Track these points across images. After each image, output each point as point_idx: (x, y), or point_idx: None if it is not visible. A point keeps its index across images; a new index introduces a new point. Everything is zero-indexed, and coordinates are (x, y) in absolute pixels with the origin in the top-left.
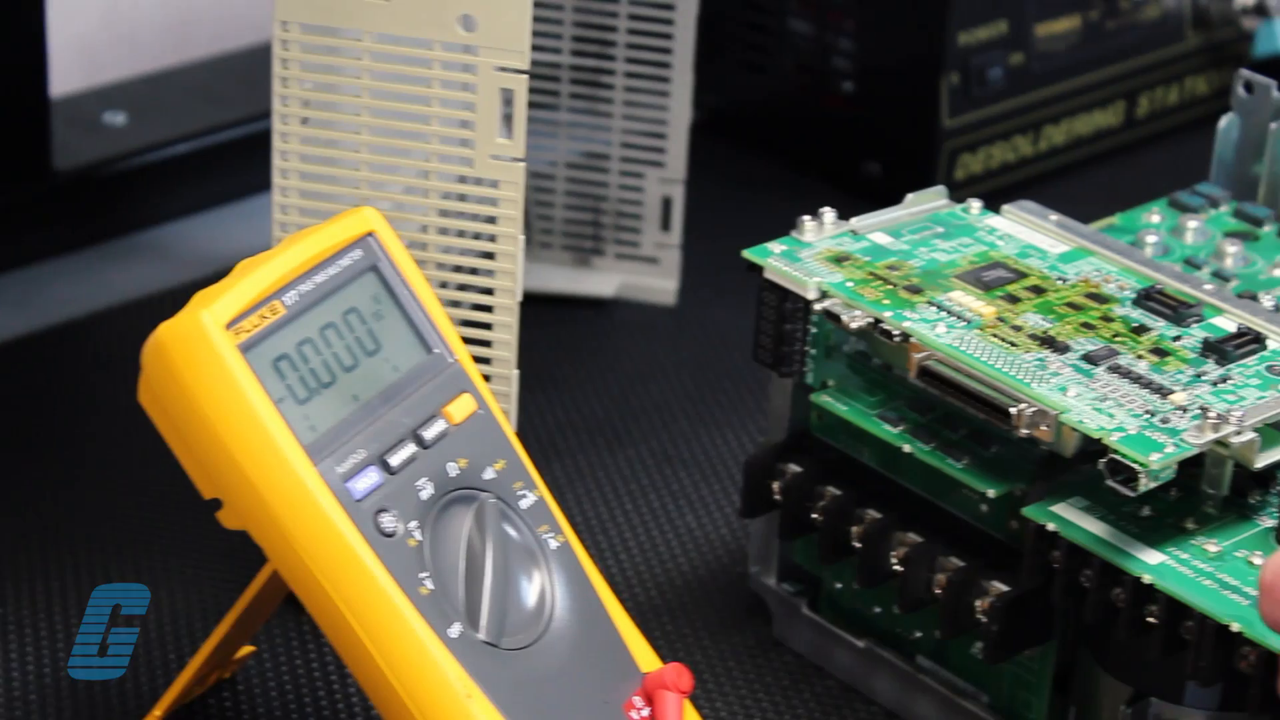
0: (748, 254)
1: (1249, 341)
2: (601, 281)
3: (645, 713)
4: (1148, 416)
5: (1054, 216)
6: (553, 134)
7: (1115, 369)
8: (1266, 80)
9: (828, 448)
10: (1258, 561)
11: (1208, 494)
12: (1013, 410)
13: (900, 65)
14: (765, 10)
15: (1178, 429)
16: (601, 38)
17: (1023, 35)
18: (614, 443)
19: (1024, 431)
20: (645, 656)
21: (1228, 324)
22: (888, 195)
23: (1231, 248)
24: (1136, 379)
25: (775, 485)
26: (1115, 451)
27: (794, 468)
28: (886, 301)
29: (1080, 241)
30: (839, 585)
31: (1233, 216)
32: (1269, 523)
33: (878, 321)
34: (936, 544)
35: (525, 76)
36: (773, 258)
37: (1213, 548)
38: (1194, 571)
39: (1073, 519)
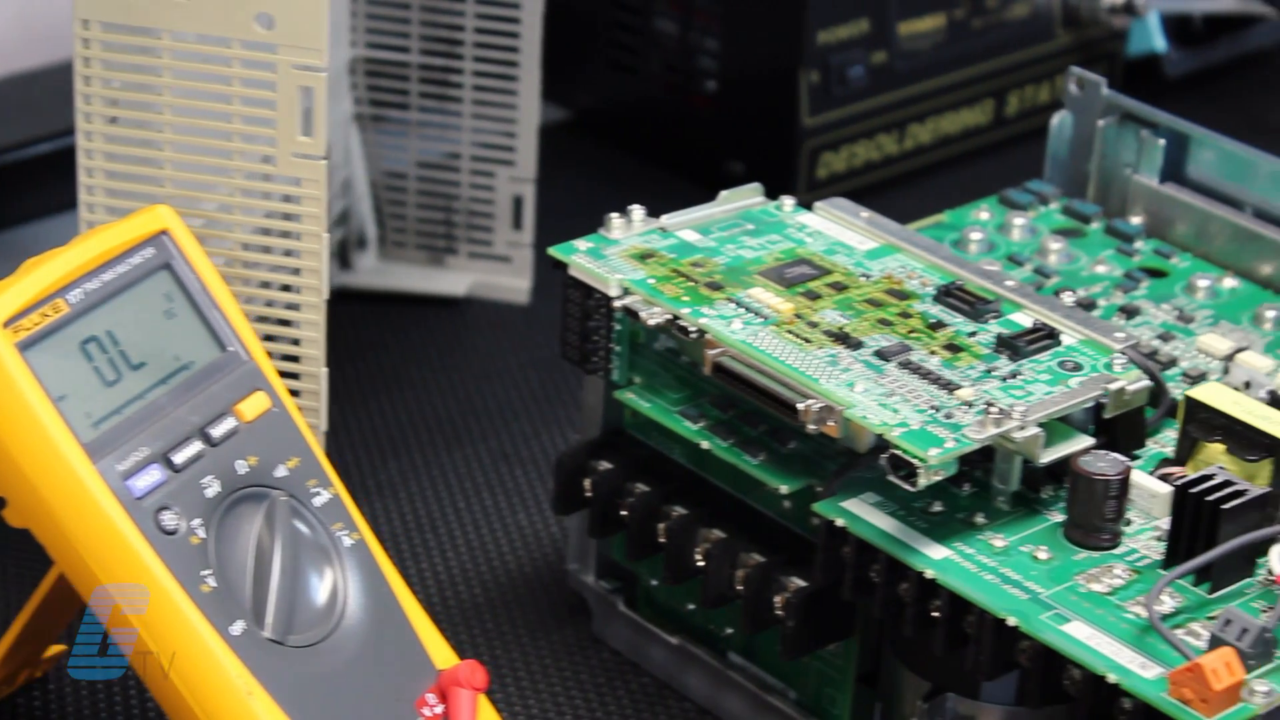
0: (553, 251)
1: (1042, 337)
2: (454, 280)
3: (439, 710)
4: (932, 412)
5: (865, 214)
6: (403, 133)
7: (906, 365)
8: (1096, 78)
9: (640, 445)
10: (1043, 556)
11: (998, 489)
12: (800, 406)
13: (761, 64)
14: (633, 10)
15: (960, 424)
16: (450, 37)
17: (885, 34)
18: (454, 441)
19: (811, 427)
20: (441, 653)
21: (1025, 320)
22: None
23: (1055, 244)
24: (926, 375)
25: (587, 482)
26: (896, 447)
27: (605, 465)
28: (686, 298)
29: (889, 239)
30: (654, 582)
31: (1062, 214)
32: (1058, 517)
33: (676, 318)
34: (738, 540)
35: (324, 74)
36: (577, 255)
37: (999, 543)
38: (977, 566)
39: (863, 515)
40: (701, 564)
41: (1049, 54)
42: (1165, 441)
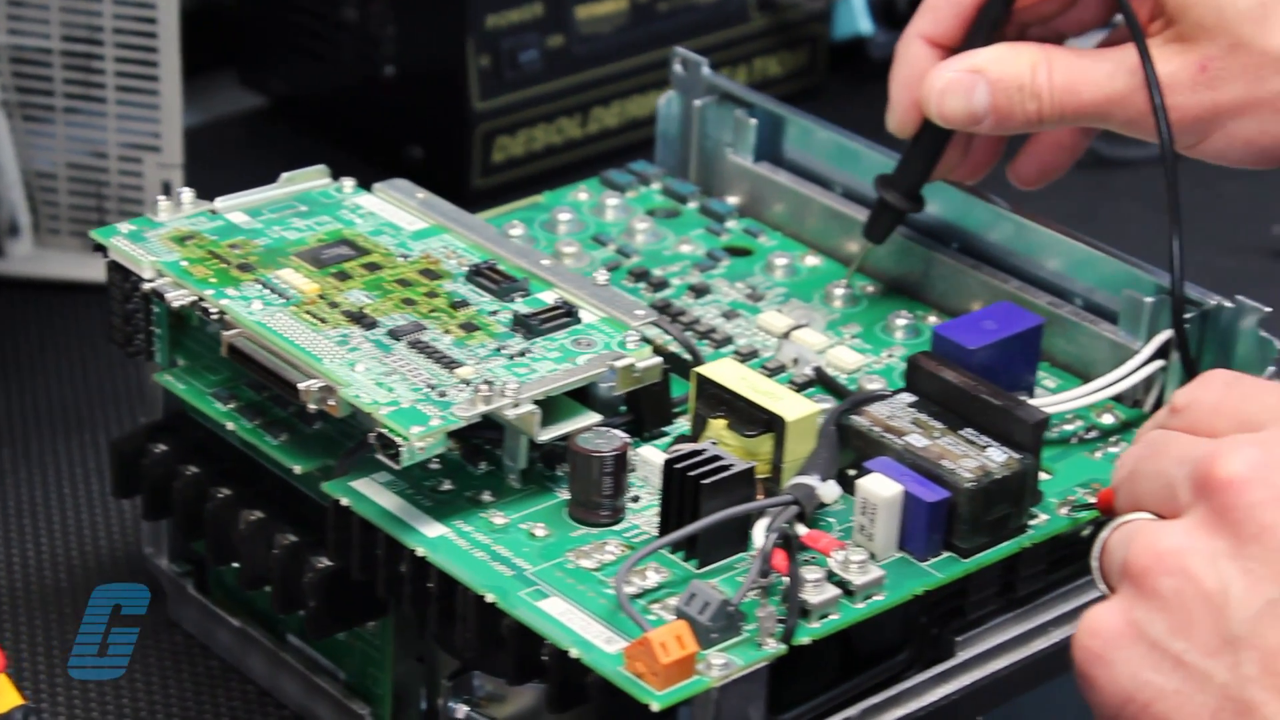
0: (95, 234)
1: (560, 315)
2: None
3: None
4: (427, 390)
5: (421, 195)
6: (50, 119)
7: (415, 344)
8: (698, 58)
9: (198, 427)
10: (540, 533)
11: (509, 467)
12: (301, 385)
13: (433, 49)
14: None
15: (452, 402)
16: (89, 23)
17: (562, 17)
18: (74, 428)
19: (313, 406)
20: None
21: (550, 298)
22: (430, 178)
23: (642, 225)
24: (432, 354)
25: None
26: (382, 425)
27: (161, 448)
28: (214, 280)
29: (439, 219)
30: (234, 565)
31: (661, 194)
32: (566, 495)
33: (200, 300)
34: (275, 521)
35: None
36: (117, 238)
37: (499, 520)
38: (470, 544)
39: (370, 494)
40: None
41: (744, 37)
42: None
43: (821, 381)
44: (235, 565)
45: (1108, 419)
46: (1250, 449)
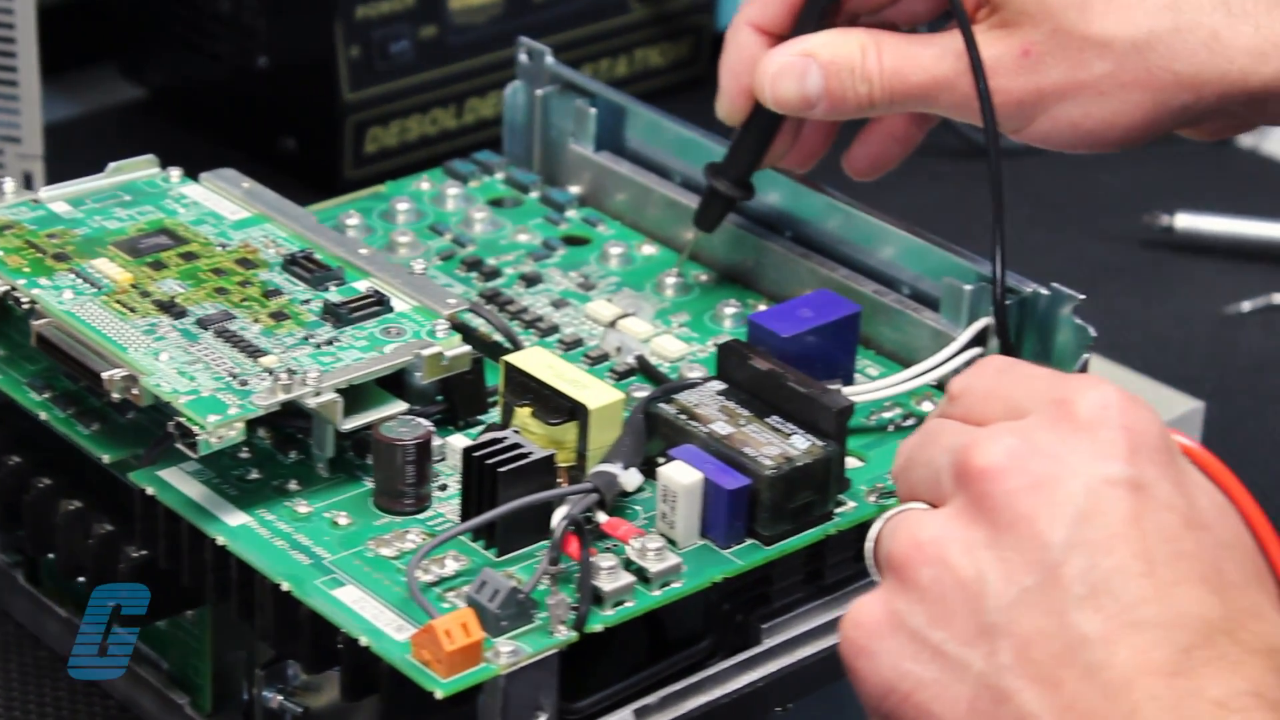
0: None
1: (371, 304)
2: None
3: None
4: (229, 379)
5: (246, 184)
6: None
7: (222, 333)
8: (542, 47)
9: (26, 417)
10: (342, 522)
11: (317, 456)
12: (105, 375)
13: (304, 40)
14: None
15: (253, 391)
16: None
17: (434, 8)
18: None
19: (116, 395)
20: None
21: (364, 287)
22: (304, 169)
23: (480, 214)
24: (238, 343)
25: None
26: (180, 414)
27: None
28: (27, 270)
29: (262, 209)
30: (51, 555)
31: (504, 183)
32: (372, 484)
33: (12, 289)
34: (93, 511)
35: None
36: None
37: (304, 509)
38: (272, 533)
39: (176, 483)
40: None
41: (625, 28)
42: None
43: (643, 370)
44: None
45: (927, 406)
46: (1008, 438)
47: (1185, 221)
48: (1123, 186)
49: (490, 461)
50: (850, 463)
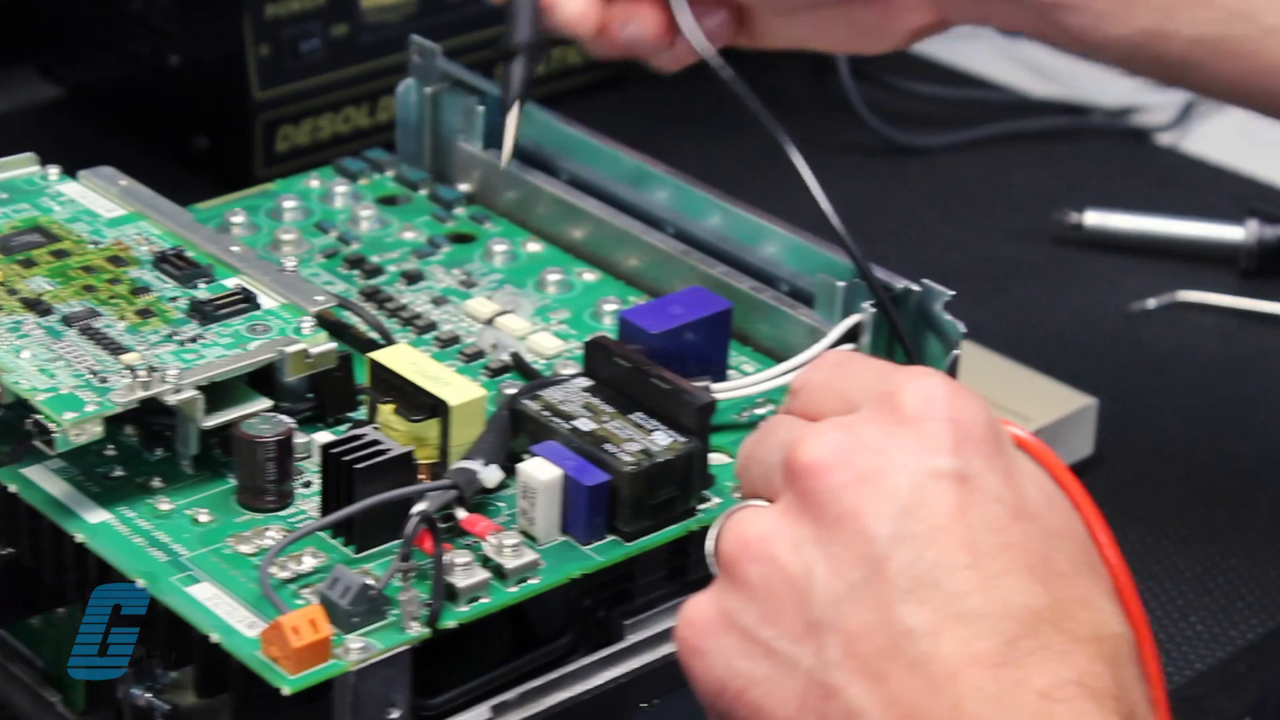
0: None
1: (239, 301)
2: None
3: None
4: (90, 376)
5: (124, 181)
6: None
7: (86, 330)
8: (433, 45)
9: None
10: (203, 519)
11: (181, 453)
12: None
13: (214, 39)
14: None
15: (113, 388)
16: None
17: (346, 7)
18: None
19: None
20: None
21: (233, 284)
22: (216, 167)
23: (366, 212)
24: (101, 340)
25: None
26: (37, 411)
27: None
28: None
29: (138, 206)
30: None
31: (394, 181)
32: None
33: None
34: None
35: None
36: None
37: (165, 506)
38: (131, 530)
39: (39, 480)
40: None
41: None
42: None
43: (517, 367)
44: None
45: None
46: (835, 433)
47: (1094, 219)
48: (1039, 184)
49: (347, 459)
50: (719, 459)
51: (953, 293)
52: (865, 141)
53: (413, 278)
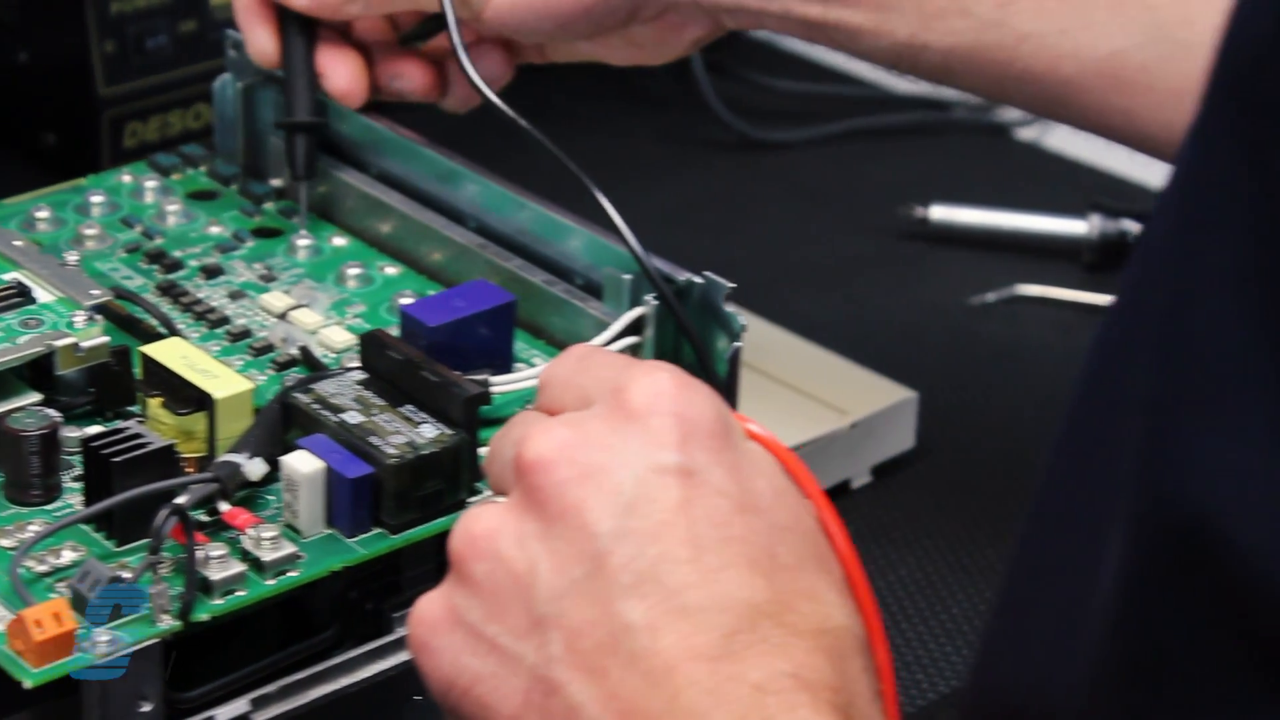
0: None
1: (13, 295)
2: None
3: None
4: None
5: None
6: None
7: None
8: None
9: None
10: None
11: None
12: None
13: (59, 36)
14: None
15: None
16: None
17: (194, 3)
18: None
19: None
20: None
21: (10, 278)
22: (64, 165)
23: (173, 207)
24: None
25: None
26: None
27: None
28: None
29: None
30: None
31: (207, 176)
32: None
33: None
34: None
35: None
36: None
37: None
38: None
39: None
40: None
41: None
42: None
43: (306, 361)
44: None
45: None
46: (562, 429)
47: (940, 214)
48: (895, 179)
49: (105, 452)
50: None
51: (733, 285)
52: (721, 137)
53: (212, 272)
